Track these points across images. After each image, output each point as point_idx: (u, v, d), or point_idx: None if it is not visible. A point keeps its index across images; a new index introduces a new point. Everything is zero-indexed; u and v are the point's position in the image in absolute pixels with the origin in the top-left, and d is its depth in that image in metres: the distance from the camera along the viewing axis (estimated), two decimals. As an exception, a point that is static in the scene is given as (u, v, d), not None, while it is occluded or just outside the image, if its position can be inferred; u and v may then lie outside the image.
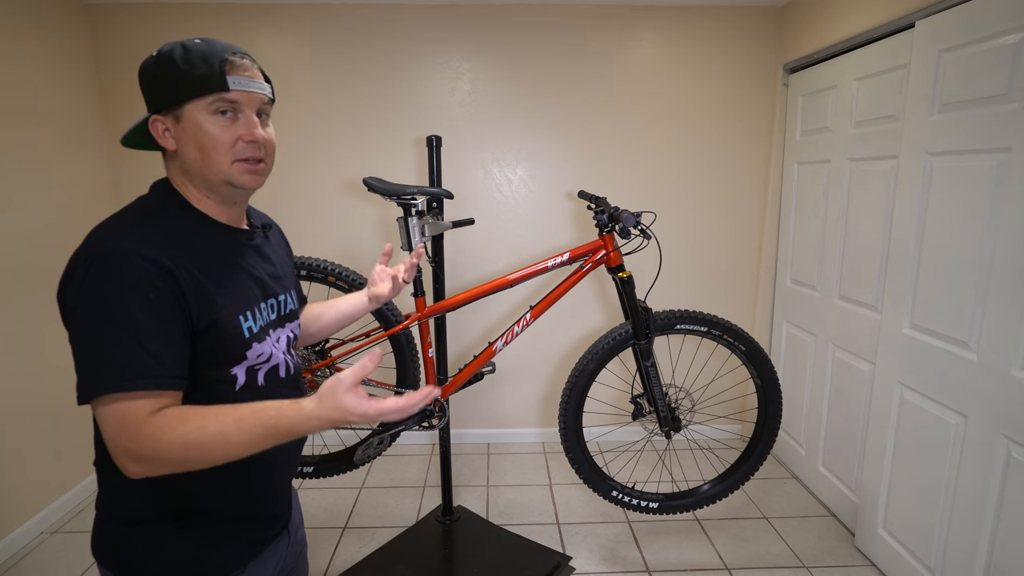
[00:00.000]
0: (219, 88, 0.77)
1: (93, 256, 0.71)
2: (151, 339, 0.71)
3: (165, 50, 0.78)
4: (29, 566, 1.98)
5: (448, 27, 2.54)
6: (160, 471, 0.72)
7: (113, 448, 0.71)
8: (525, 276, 1.74)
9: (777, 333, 2.70)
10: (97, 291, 0.69)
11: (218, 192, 0.83)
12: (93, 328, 0.70)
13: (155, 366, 0.71)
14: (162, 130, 0.80)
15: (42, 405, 2.18)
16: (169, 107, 0.78)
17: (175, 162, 0.82)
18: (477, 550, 2.01)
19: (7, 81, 2.06)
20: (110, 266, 0.70)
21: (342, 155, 2.62)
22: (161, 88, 0.78)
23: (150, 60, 0.80)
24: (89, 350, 0.70)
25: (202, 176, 0.80)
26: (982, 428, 1.52)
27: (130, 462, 0.70)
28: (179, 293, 0.74)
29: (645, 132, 2.65)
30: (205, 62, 0.77)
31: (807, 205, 2.42)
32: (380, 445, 1.74)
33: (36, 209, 2.17)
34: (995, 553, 1.49)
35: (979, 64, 1.52)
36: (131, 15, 2.48)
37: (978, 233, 1.53)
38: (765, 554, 2.03)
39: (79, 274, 0.71)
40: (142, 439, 0.69)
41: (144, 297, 0.70)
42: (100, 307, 0.69)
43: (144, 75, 0.80)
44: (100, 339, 0.69)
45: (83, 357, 0.70)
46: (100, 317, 0.69)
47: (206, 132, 0.78)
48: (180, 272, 0.74)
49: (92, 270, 0.70)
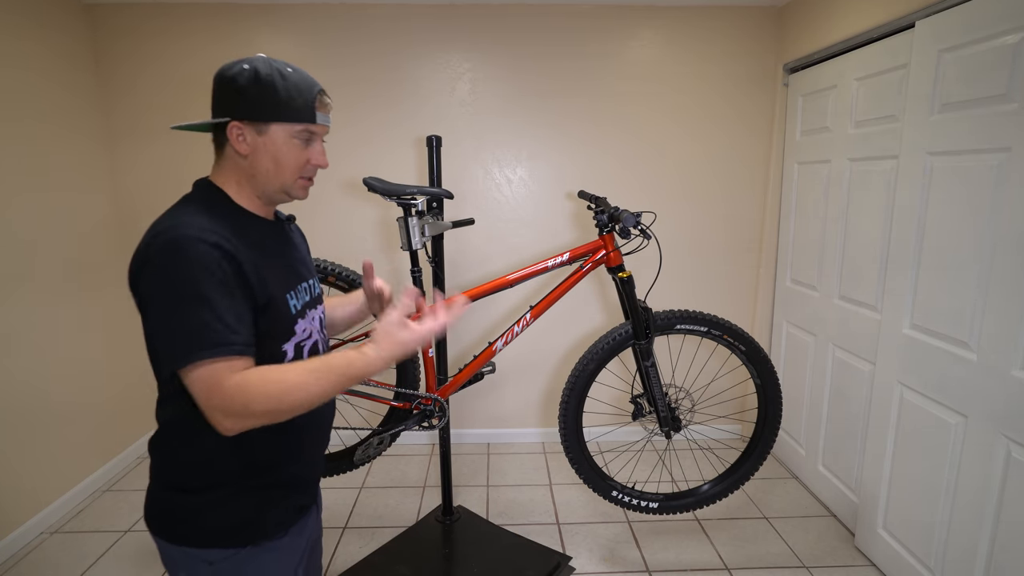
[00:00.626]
0: (309, 120, 0.92)
1: (164, 245, 0.80)
2: (225, 313, 0.81)
3: (264, 72, 0.88)
4: (29, 566, 1.98)
5: (448, 27, 2.54)
6: (251, 423, 0.82)
7: (207, 408, 0.80)
8: (525, 276, 1.74)
9: (777, 333, 2.70)
10: (174, 275, 0.79)
11: (269, 197, 0.95)
12: (174, 307, 0.79)
13: (231, 335, 0.81)
14: (238, 135, 0.89)
15: (42, 405, 2.18)
16: (255, 120, 0.88)
17: (234, 163, 0.92)
18: (477, 550, 2.01)
19: (7, 80, 2.06)
20: (181, 252, 0.79)
21: (342, 155, 2.62)
22: (255, 104, 0.88)
23: (244, 74, 0.87)
24: (174, 326, 0.79)
25: (266, 183, 0.93)
26: (982, 428, 1.52)
27: (224, 418, 0.80)
28: (241, 274, 0.84)
29: (645, 132, 2.65)
30: (301, 95, 0.90)
31: (807, 205, 2.42)
32: (380, 445, 1.74)
33: (35, 208, 2.17)
34: (995, 553, 1.49)
35: (979, 64, 1.52)
36: (131, 15, 2.48)
37: (978, 233, 1.53)
38: (765, 554, 2.03)
39: (153, 263, 0.80)
40: (232, 396, 0.79)
41: (214, 277, 0.80)
42: (178, 288, 0.79)
43: (233, 85, 0.88)
44: (183, 316, 0.79)
45: (168, 333, 0.79)
46: (179, 297, 0.79)
47: (286, 152, 0.91)
48: (239, 255, 0.84)
49: (165, 258, 0.79)
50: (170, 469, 0.93)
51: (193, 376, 0.79)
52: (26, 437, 2.12)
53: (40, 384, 2.18)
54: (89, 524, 2.21)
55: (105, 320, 2.53)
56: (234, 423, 0.81)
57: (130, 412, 2.71)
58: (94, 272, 2.47)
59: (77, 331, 2.37)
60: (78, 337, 2.38)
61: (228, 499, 0.91)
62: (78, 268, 2.37)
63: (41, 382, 2.18)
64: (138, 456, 2.76)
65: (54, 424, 2.24)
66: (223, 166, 0.93)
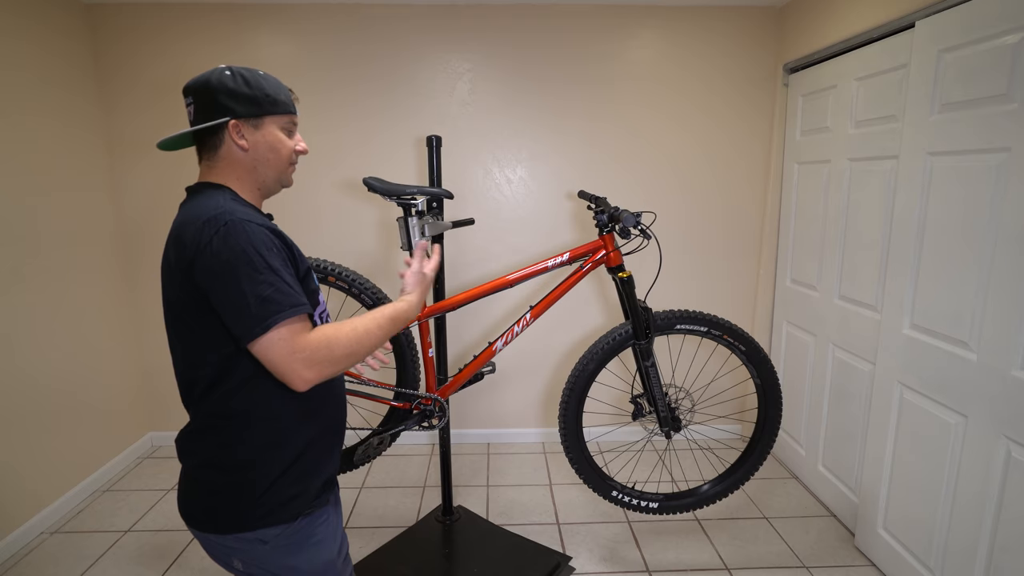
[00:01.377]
0: (292, 111, 1.04)
1: (219, 228, 0.86)
2: (289, 279, 0.90)
3: (248, 75, 0.97)
4: (29, 566, 1.98)
5: (448, 27, 2.54)
6: (330, 371, 0.91)
7: (289, 363, 0.87)
8: (525, 276, 1.74)
9: (777, 333, 2.70)
10: (240, 251, 0.86)
11: (267, 187, 1.05)
12: (245, 279, 0.85)
13: (299, 296, 0.90)
14: (237, 133, 0.97)
15: (42, 405, 2.18)
16: (252, 116, 0.97)
17: (234, 160, 0.99)
18: (477, 550, 2.01)
19: (6, 80, 2.06)
20: (238, 231, 0.86)
21: (342, 155, 2.62)
22: (251, 102, 0.97)
23: (231, 78, 0.96)
24: (249, 296, 0.85)
25: (266, 172, 1.02)
26: (982, 428, 1.52)
27: (306, 368, 0.88)
28: (286, 249, 0.94)
29: (645, 132, 2.65)
30: (281, 91, 1.02)
31: (807, 205, 2.42)
32: (380, 445, 1.74)
33: (35, 207, 2.17)
34: (995, 553, 1.49)
35: (979, 64, 1.52)
36: (131, 15, 2.48)
37: (978, 233, 1.52)
38: (765, 554, 2.03)
39: (213, 245, 0.86)
40: (316, 346, 0.89)
41: (271, 251, 0.89)
42: (245, 262, 0.86)
43: (225, 89, 0.95)
44: (255, 285, 0.86)
45: (244, 303, 0.85)
46: (248, 269, 0.86)
47: (281, 140, 1.02)
48: (282, 236, 0.94)
49: (223, 239, 0.86)
50: (228, 456, 0.96)
51: (274, 337, 0.86)
52: (26, 437, 2.12)
53: (40, 384, 2.18)
54: (89, 524, 2.21)
55: (105, 320, 2.53)
56: (317, 372, 0.89)
57: (130, 412, 2.71)
58: (94, 272, 2.47)
59: (77, 331, 2.37)
60: (78, 337, 2.38)
61: (284, 474, 0.97)
62: (78, 268, 2.37)
63: (41, 382, 2.18)
64: (138, 456, 2.76)
65: (54, 424, 2.24)
66: (219, 166, 1.00)
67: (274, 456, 0.97)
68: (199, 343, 0.93)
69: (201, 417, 0.97)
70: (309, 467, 1.01)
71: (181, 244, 0.89)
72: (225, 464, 0.96)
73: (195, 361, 0.94)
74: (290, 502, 0.98)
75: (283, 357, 0.87)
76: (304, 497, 1.00)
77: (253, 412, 0.95)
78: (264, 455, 0.96)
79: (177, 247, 0.90)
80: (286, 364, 0.87)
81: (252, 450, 0.96)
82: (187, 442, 1.00)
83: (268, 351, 0.87)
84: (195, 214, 0.90)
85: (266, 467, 0.96)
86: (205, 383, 0.94)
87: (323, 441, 1.05)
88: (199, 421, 0.98)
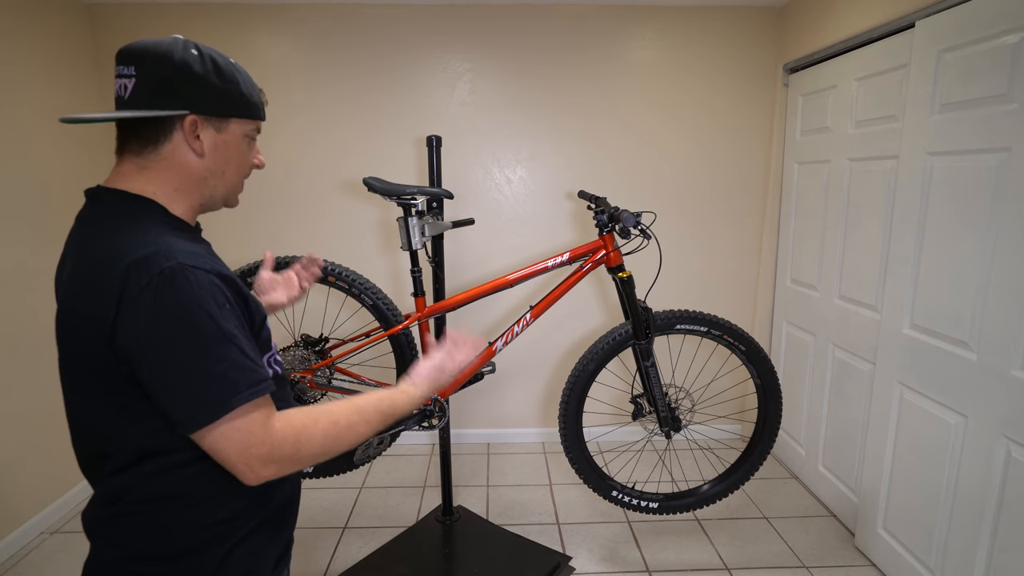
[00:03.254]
0: (262, 117, 0.84)
1: (152, 278, 0.66)
2: (246, 346, 0.72)
3: (220, 61, 0.77)
4: (29, 566, 1.98)
5: (448, 27, 2.54)
6: (290, 468, 0.74)
7: (245, 459, 0.70)
8: (525, 276, 1.74)
9: (777, 333, 2.69)
10: (178, 313, 0.66)
11: (209, 206, 0.84)
12: (188, 352, 0.67)
13: (259, 371, 0.72)
14: (193, 132, 0.76)
15: (42, 405, 2.18)
16: (216, 115, 0.77)
17: (177, 165, 0.76)
18: (477, 550, 2.01)
19: (6, 80, 2.06)
20: (179, 285, 0.66)
21: (342, 155, 2.62)
22: (220, 96, 0.77)
23: (198, 60, 0.74)
24: (194, 374, 0.67)
25: (215, 188, 0.81)
26: (982, 428, 1.52)
27: (263, 466, 0.71)
28: (239, 299, 0.75)
29: (645, 132, 2.65)
30: (255, 91, 0.82)
31: (807, 205, 2.42)
32: (380, 445, 1.74)
33: (35, 209, 2.17)
34: (995, 553, 1.49)
35: (979, 64, 1.52)
36: (132, 14, 2.48)
37: (978, 233, 1.52)
38: (765, 554, 2.03)
39: (143, 302, 0.65)
40: (278, 442, 0.72)
41: (223, 307, 0.70)
42: (189, 330, 0.66)
43: (189, 71, 0.73)
44: (203, 359, 0.67)
45: (187, 384, 0.67)
46: (193, 339, 0.67)
47: (242, 151, 0.82)
48: (229, 280, 0.74)
49: (158, 295, 0.65)
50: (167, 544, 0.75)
51: (226, 428, 0.68)
52: (26, 437, 2.12)
53: (41, 384, 2.17)
54: (89, 524, 2.21)
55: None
56: (276, 470, 0.72)
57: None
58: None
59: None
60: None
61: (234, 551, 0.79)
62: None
63: (42, 382, 2.18)
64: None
65: (54, 424, 2.24)
66: (154, 169, 0.76)
67: (225, 532, 0.77)
68: (115, 415, 0.71)
69: (124, 500, 0.74)
70: (264, 539, 0.83)
71: (95, 292, 0.67)
72: (164, 554, 0.75)
73: (108, 434, 0.73)
74: None
75: (237, 452, 0.69)
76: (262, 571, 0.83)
77: (199, 491, 0.75)
78: (213, 534, 0.77)
79: (88, 295, 0.68)
80: (239, 459, 0.70)
81: (198, 531, 0.76)
82: (105, 528, 0.76)
83: (217, 443, 0.69)
84: (115, 250, 0.68)
85: (215, 547, 0.77)
86: (126, 459, 0.73)
87: (284, 506, 0.86)
88: (122, 504, 0.74)
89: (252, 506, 0.81)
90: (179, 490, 0.75)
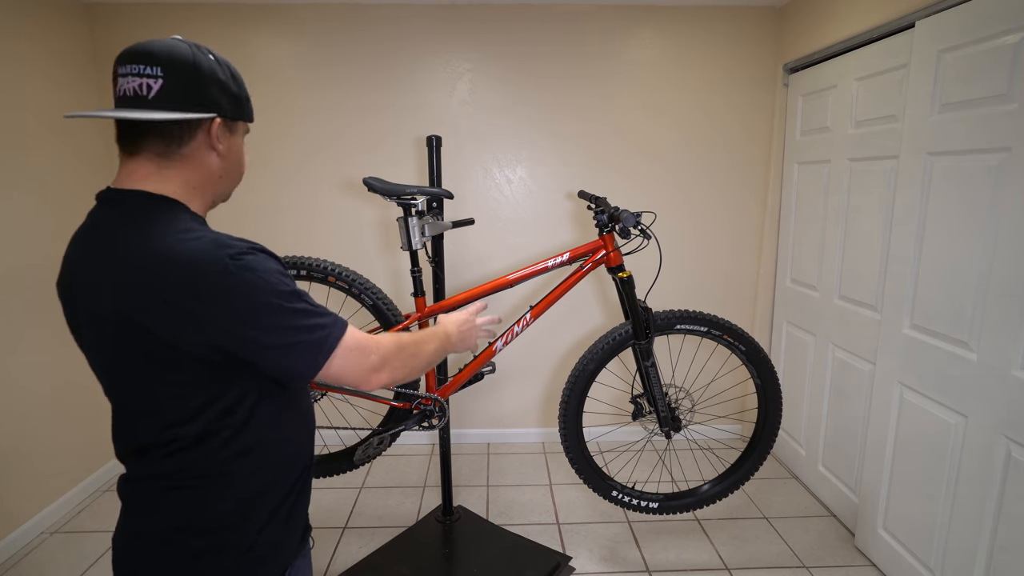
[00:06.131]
0: (252, 119, 0.90)
1: (228, 267, 0.72)
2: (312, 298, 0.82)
3: (231, 66, 0.84)
4: (29, 566, 1.98)
5: (448, 27, 2.54)
6: (396, 373, 0.90)
7: (362, 372, 0.84)
8: (525, 276, 1.74)
9: (777, 333, 2.70)
10: (261, 286, 0.74)
11: (218, 200, 0.90)
12: (285, 313, 0.76)
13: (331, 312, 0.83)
14: (216, 135, 0.81)
15: (42, 404, 2.18)
16: (232, 119, 0.83)
17: (197, 166, 0.81)
18: (477, 550, 2.01)
19: (5, 79, 2.06)
20: (250, 265, 0.73)
21: (342, 155, 2.62)
22: (235, 100, 0.83)
23: (217, 67, 0.80)
24: (295, 329, 0.76)
25: (228, 185, 0.89)
26: (982, 428, 1.52)
27: (376, 374, 0.86)
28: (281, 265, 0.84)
29: (645, 132, 2.65)
30: (248, 93, 0.88)
31: (807, 205, 2.42)
32: (380, 445, 1.74)
33: (32, 209, 2.17)
34: (995, 553, 1.49)
35: (979, 64, 1.52)
36: (131, 14, 2.48)
37: (978, 233, 1.53)
38: (765, 554, 2.03)
39: (227, 289, 0.71)
40: (382, 349, 0.87)
41: (284, 274, 0.79)
42: (274, 296, 0.75)
43: (214, 77, 0.79)
44: (296, 316, 0.77)
45: (295, 336, 0.76)
46: (281, 301, 0.75)
47: (242, 150, 0.89)
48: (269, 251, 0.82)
49: (240, 277, 0.72)
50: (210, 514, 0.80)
51: (338, 355, 0.80)
52: (26, 437, 2.12)
53: (40, 384, 2.17)
54: (89, 524, 2.21)
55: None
56: (386, 374, 0.88)
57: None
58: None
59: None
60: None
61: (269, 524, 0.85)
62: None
63: (42, 381, 2.18)
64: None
65: (54, 424, 2.24)
66: (174, 170, 0.79)
67: (262, 503, 0.83)
68: (185, 397, 0.76)
69: (178, 475, 0.79)
70: (296, 509, 0.89)
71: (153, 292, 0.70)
72: (204, 525, 0.80)
73: (177, 419, 0.76)
74: (276, 553, 0.86)
75: (356, 368, 0.83)
76: (289, 546, 0.89)
77: (242, 465, 0.80)
78: (251, 506, 0.82)
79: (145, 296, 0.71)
80: (360, 375, 0.84)
81: (238, 504, 0.81)
82: (150, 500, 0.80)
83: (342, 370, 0.81)
84: (165, 249, 0.71)
85: (252, 520, 0.82)
86: (189, 439, 0.77)
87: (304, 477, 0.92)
88: (176, 478, 0.79)
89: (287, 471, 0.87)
90: (229, 465, 0.80)
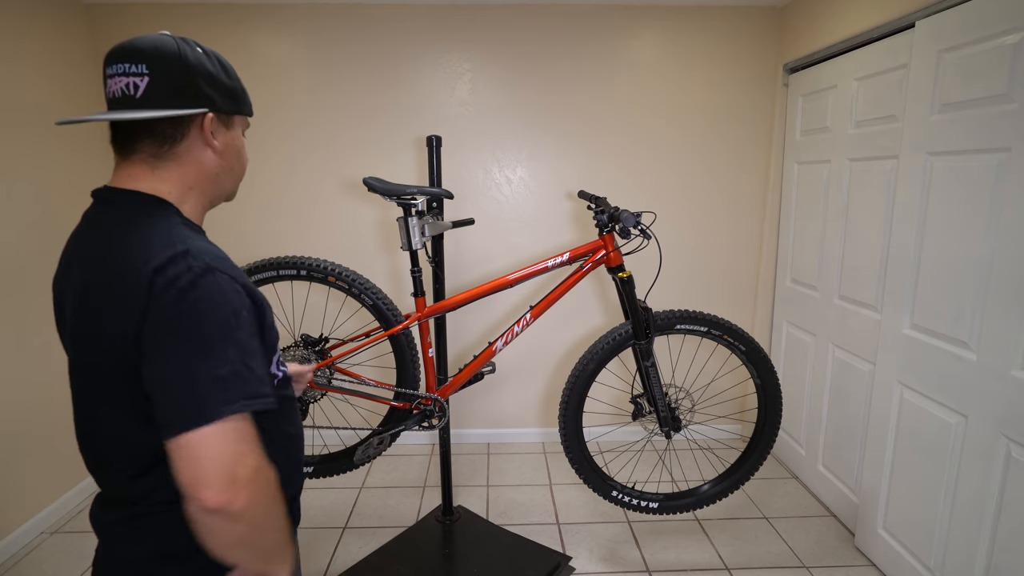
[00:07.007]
0: (252, 112, 0.86)
1: (181, 274, 0.66)
2: (255, 359, 0.71)
3: (221, 58, 0.80)
4: (29, 566, 1.98)
5: (448, 27, 2.54)
6: (261, 505, 0.69)
7: (224, 474, 0.65)
8: (525, 276, 1.74)
9: (777, 333, 2.70)
10: (200, 312, 0.66)
11: (216, 203, 0.85)
12: (199, 351, 0.66)
13: (263, 387, 0.70)
14: (210, 131, 0.77)
15: (42, 405, 2.18)
16: (226, 113, 0.80)
17: (191, 164, 0.77)
18: (477, 550, 2.01)
19: (5, 79, 2.06)
20: (208, 287, 0.67)
21: (342, 155, 2.62)
22: (230, 94, 0.80)
23: (206, 59, 0.76)
24: (195, 374, 0.65)
25: (226, 185, 0.84)
26: (982, 428, 1.52)
27: (239, 488, 0.65)
28: (255, 305, 0.74)
29: (645, 132, 2.65)
30: (243, 86, 0.84)
31: (807, 205, 2.42)
32: (380, 445, 1.74)
33: (32, 210, 2.17)
34: (995, 553, 1.49)
35: (979, 64, 1.52)
36: (131, 14, 2.48)
37: (978, 233, 1.52)
38: (765, 554, 2.03)
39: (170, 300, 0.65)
40: (257, 468, 0.68)
41: (239, 316, 0.70)
42: (210, 329, 0.66)
43: (203, 70, 0.75)
44: (209, 362, 0.66)
45: (187, 382, 0.65)
46: (208, 339, 0.66)
47: (243, 145, 0.85)
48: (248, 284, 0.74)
49: (185, 292, 0.66)
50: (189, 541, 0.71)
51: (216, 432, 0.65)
52: (26, 437, 2.12)
53: (41, 384, 2.17)
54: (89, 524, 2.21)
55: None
56: (247, 497, 0.66)
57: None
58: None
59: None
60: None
61: None
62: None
63: (41, 382, 2.18)
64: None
65: (54, 424, 2.24)
66: (168, 169, 0.76)
67: None
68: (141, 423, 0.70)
69: (146, 501, 0.74)
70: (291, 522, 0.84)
71: (122, 298, 0.66)
72: (184, 551, 0.73)
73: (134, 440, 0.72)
74: None
75: (221, 461, 0.65)
76: None
77: None
78: None
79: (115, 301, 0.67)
80: (217, 474, 0.64)
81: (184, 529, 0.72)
82: (123, 527, 0.76)
83: (200, 447, 0.64)
84: (140, 253, 0.68)
85: None
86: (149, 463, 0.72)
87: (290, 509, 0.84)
88: (143, 504, 0.74)
89: None
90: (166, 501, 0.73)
